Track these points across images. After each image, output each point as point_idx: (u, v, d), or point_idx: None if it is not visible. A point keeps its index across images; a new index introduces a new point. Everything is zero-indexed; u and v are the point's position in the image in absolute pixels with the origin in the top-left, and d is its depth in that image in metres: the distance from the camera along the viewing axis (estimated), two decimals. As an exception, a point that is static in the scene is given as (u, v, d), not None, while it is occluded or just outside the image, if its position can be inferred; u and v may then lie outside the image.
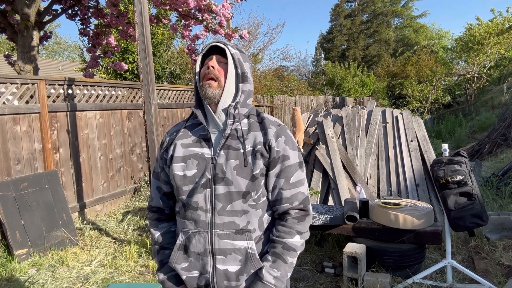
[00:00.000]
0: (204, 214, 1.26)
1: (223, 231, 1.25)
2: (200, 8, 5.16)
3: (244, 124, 1.30)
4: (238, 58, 1.30)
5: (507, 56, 16.82)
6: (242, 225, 1.26)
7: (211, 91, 1.27)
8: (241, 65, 1.31)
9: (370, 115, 5.17)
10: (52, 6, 5.49)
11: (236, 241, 1.26)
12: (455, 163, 2.76)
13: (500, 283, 2.85)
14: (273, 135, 1.27)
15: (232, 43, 1.33)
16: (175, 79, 13.44)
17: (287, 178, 1.28)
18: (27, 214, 3.80)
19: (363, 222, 3.23)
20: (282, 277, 1.26)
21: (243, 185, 1.24)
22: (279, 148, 1.27)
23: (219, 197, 1.25)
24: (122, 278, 3.29)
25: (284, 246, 1.26)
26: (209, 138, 1.29)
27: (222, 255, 1.26)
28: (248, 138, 1.27)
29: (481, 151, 7.63)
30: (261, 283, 1.24)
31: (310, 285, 3.09)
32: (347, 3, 32.62)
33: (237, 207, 1.25)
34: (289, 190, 1.28)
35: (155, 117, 3.52)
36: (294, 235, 1.27)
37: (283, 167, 1.28)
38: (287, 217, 1.29)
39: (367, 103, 6.03)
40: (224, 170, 1.24)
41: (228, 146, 1.26)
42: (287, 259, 1.26)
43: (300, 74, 26.78)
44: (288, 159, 1.28)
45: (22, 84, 4.11)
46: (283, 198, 1.28)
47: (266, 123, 1.31)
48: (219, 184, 1.24)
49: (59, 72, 17.53)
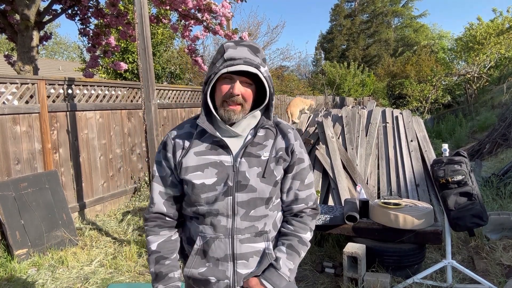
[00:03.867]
0: (225, 220, 1.25)
1: (244, 235, 1.25)
2: (200, 8, 5.15)
3: (261, 130, 1.29)
4: (269, 75, 1.22)
5: (507, 56, 16.82)
6: (260, 228, 1.28)
7: (235, 117, 1.22)
8: (271, 81, 1.24)
9: (370, 115, 5.16)
10: (52, 6, 5.48)
11: (256, 243, 1.27)
12: (455, 163, 2.75)
13: (500, 283, 2.85)
14: (293, 140, 1.30)
15: (257, 54, 1.20)
16: (175, 79, 13.44)
17: (302, 180, 1.32)
18: (27, 214, 3.80)
19: (363, 222, 3.22)
20: (295, 270, 1.31)
21: (267, 192, 1.25)
22: (297, 151, 1.30)
23: (242, 204, 1.24)
24: (122, 278, 3.29)
25: (300, 240, 1.31)
26: (226, 144, 1.24)
27: (244, 259, 1.26)
28: (267, 145, 1.27)
29: (481, 151, 7.63)
30: (277, 274, 1.26)
31: (310, 285, 3.09)
32: (347, 3, 32.64)
33: (260, 212, 1.26)
34: (304, 191, 1.33)
35: (155, 117, 3.52)
36: (307, 231, 1.34)
37: (298, 170, 1.31)
38: (303, 214, 1.34)
39: (367, 103, 6.03)
40: (247, 177, 1.23)
41: (249, 154, 1.25)
42: (300, 253, 1.31)
43: (300, 74, 26.79)
44: (303, 162, 1.32)
45: (22, 84, 4.10)
46: (299, 199, 1.33)
47: (283, 128, 1.32)
48: (242, 192, 1.23)
49: (59, 72, 17.53)
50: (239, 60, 1.16)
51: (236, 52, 1.18)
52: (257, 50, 1.22)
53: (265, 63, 1.24)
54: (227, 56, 1.17)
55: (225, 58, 1.18)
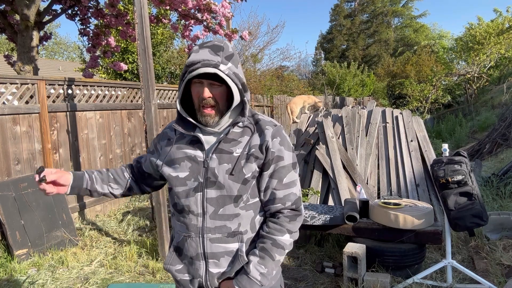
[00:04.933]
0: (195, 218, 1.26)
1: (214, 235, 1.25)
2: (200, 8, 5.15)
3: (237, 126, 1.28)
4: (234, 72, 1.22)
5: (507, 56, 16.82)
6: (233, 228, 1.26)
7: (212, 121, 1.25)
8: (239, 77, 1.23)
9: (370, 115, 5.16)
10: (52, 6, 5.48)
11: (228, 244, 1.26)
12: (455, 163, 2.75)
13: (500, 283, 2.85)
14: (270, 136, 1.25)
15: (218, 53, 1.21)
16: (175, 79, 13.43)
17: (280, 179, 1.27)
18: (27, 214, 3.80)
19: (363, 222, 3.22)
20: (268, 274, 1.25)
21: (235, 189, 1.23)
22: (274, 149, 1.25)
23: (211, 201, 1.24)
24: (122, 278, 3.29)
25: (274, 243, 1.25)
26: (200, 140, 1.27)
27: (215, 259, 1.26)
28: (242, 142, 1.26)
29: (481, 151, 7.63)
30: (247, 278, 1.23)
31: (310, 285, 3.09)
32: (347, 3, 32.63)
33: (229, 211, 1.25)
34: (282, 190, 1.27)
35: (155, 117, 3.52)
36: (284, 233, 1.27)
37: (276, 168, 1.26)
38: (279, 215, 1.29)
39: (367, 103, 6.03)
40: (216, 174, 1.23)
41: (221, 150, 1.25)
42: (274, 256, 1.25)
43: (300, 74, 26.78)
44: (282, 160, 1.27)
45: (22, 84, 4.10)
46: (276, 199, 1.28)
47: (262, 125, 1.28)
48: (211, 188, 1.24)
49: (59, 72, 17.53)
50: (197, 63, 1.18)
51: (196, 56, 1.20)
52: (219, 48, 1.21)
53: (230, 60, 1.22)
54: (188, 62, 1.21)
55: (186, 63, 1.22)
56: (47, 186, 1.31)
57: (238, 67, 1.25)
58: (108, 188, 1.45)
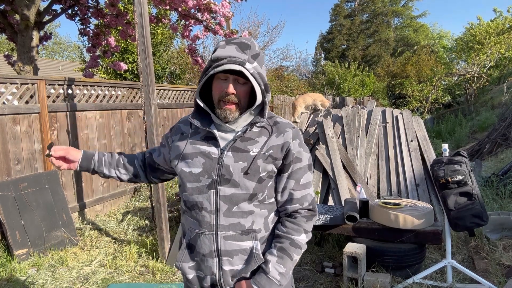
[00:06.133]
0: (209, 215, 1.25)
1: (228, 232, 1.25)
2: (200, 8, 5.15)
3: (255, 126, 1.27)
4: (258, 72, 1.21)
5: (507, 56, 16.82)
6: (247, 226, 1.26)
7: (231, 116, 1.23)
8: (262, 77, 1.22)
9: (370, 115, 5.16)
10: (52, 6, 5.48)
11: (242, 242, 1.25)
12: (455, 163, 2.75)
13: (500, 283, 2.85)
14: (291, 138, 1.26)
15: (245, 51, 1.20)
16: (175, 79, 13.44)
17: (297, 180, 1.28)
18: (27, 214, 3.80)
19: (363, 222, 3.22)
20: (287, 273, 1.26)
21: (250, 188, 1.23)
22: (295, 150, 1.26)
23: (224, 198, 1.24)
24: (122, 278, 3.29)
25: (292, 243, 1.26)
26: (215, 136, 1.27)
27: (228, 257, 1.26)
28: (259, 142, 1.25)
29: (481, 151, 7.63)
30: (266, 277, 1.23)
31: (310, 285, 3.09)
32: (347, 3, 32.62)
33: (243, 208, 1.25)
34: (299, 191, 1.29)
35: (155, 117, 3.52)
36: (301, 232, 1.28)
37: (294, 169, 1.28)
38: (296, 215, 1.29)
39: (367, 103, 6.03)
40: (231, 172, 1.22)
41: (237, 148, 1.24)
42: (293, 256, 1.26)
43: (300, 74, 26.77)
44: (300, 161, 1.28)
45: (22, 84, 4.10)
46: (294, 199, 1.29)
47: (281, 126, 1.29)
48: (225, 186, 1.23)
49: (59, 72, 17.53)
50: (224, 59, 1.17)
51: (222, 51, 1.19)
52: (246, 46, 1.21)
53: (256, 59, 1.21)
54: (213, 57, 1.20)
55: (211, 58, 1.20)
56: (55, 160, 1.42)
57: (262, 67, 1.24)
58: (115, 172, 1.51)
